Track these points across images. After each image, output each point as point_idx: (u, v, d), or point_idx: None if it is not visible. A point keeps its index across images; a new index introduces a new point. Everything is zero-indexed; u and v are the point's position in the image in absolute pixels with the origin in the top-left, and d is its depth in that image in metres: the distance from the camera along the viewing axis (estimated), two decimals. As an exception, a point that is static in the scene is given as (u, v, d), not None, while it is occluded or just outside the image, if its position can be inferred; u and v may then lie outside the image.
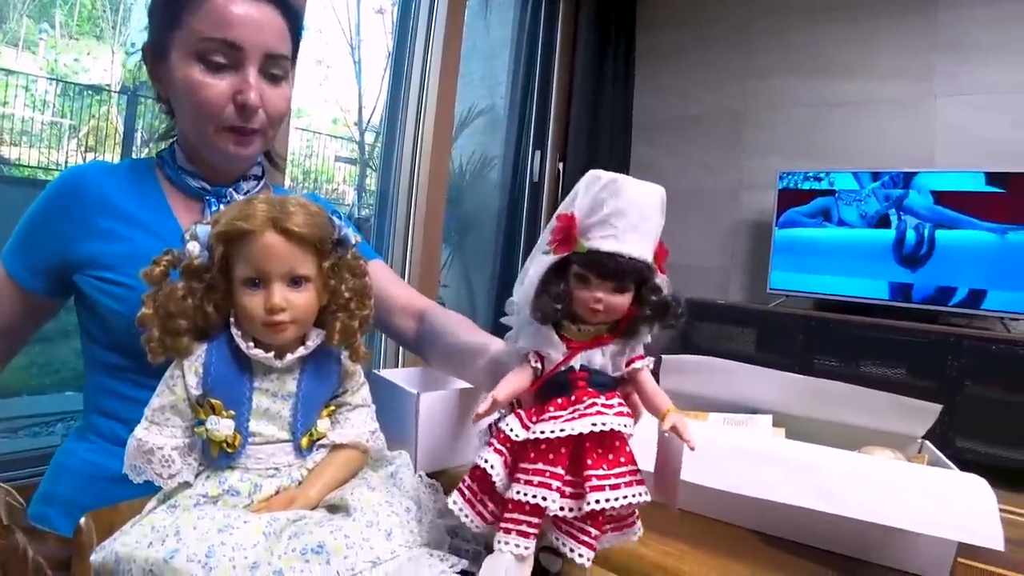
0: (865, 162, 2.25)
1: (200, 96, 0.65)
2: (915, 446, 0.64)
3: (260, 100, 0.67)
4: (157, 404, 0.42)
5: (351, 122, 4.26)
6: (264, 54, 0.67)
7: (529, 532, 0.36)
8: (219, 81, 0.65)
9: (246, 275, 0.40)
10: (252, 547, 0.34)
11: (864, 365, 2.02)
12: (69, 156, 2.55)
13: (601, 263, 0.38)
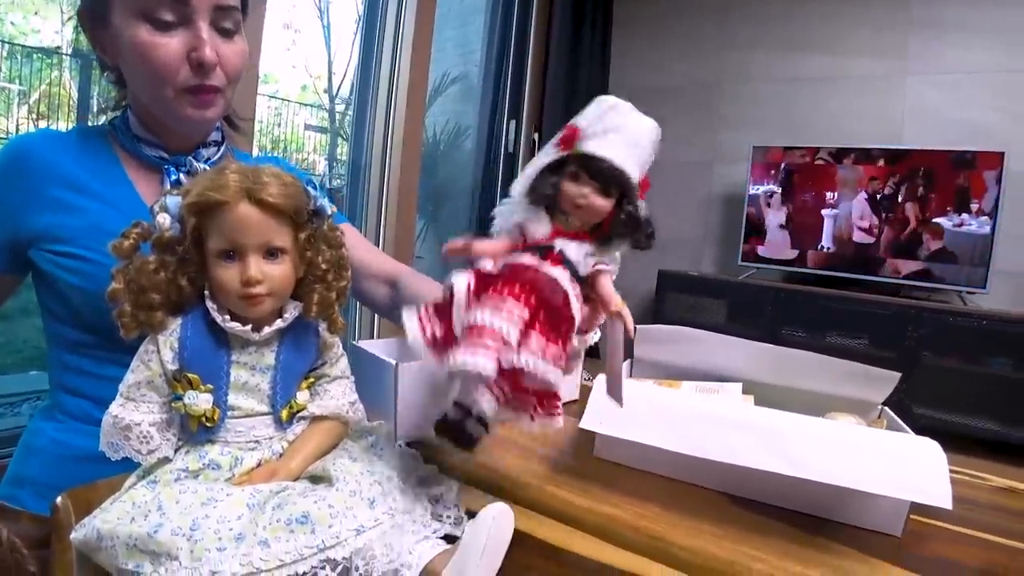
0: (835, 138, 2.28)
1: (152, 57, 0.61)
2: (875, 412, 0.67)
3: (215, 56, 0.63)
4: (132, 380, 0.41)
5: (321, 89, 4.13)
6: (213, 6, 0.63)
7: (487, 352, 0.37)
8: (170, 40, 0.61)
9: (220, 247, 0.39)
10: (237, 519, 0.34)
11: (829, 336, 2.09)
12: (20, 124, 2.42)
13: (593, 163, 0.44)
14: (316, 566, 0.34)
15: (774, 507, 0.52)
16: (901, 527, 0.49)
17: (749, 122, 2.54)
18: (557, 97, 2.48)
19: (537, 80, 2.54)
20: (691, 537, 0.47)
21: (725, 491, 0.54)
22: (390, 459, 0.46)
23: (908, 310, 1.99)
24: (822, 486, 0.47)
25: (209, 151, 0.72)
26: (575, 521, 0.49)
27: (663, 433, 0.52)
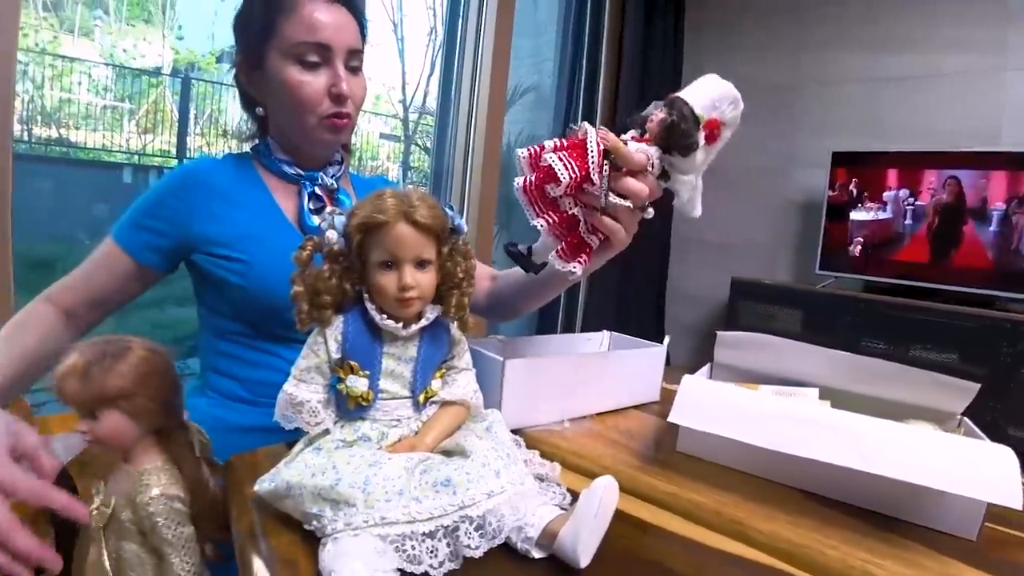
0: (924, 141, 2.19)
1: (302, 92, 0.76)
2: (954, 422, 0.68)
3: (349, 90, 0.78)
4: (304, 365, 0.51)
5: (395, 99, 4.34)
6: (347, 50, 0.78)
7: None
8: (315, 77, 0.77)
9: (381, 259, 0.48)
10: (397, 478, 0.43)
11: (913, 349, 2.01)
12: (129, 137, 2.71)
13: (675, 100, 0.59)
14: (457, 520, 0.43)
15: (848, 504, 0.55)
16: (976, 531, 0.52)
17: (828, 126, 2.48)
18: (629, 105, 2.51)
19: (609, 89, 2.58)
20: (768, 523, 0.52)
21: (801, 487, 0.58)
22: (505, 440, 0.54)
23: (1003, 324, 1.88)
24: (895, 485, 0.51)
25: (333, 168, 0.87)
26: (662, 504, 0.55)
27: (743, 429, 0.57)
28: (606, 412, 0.78)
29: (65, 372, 0.51)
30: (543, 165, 0.56)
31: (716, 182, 3.02)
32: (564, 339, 0.89)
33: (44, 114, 2.49)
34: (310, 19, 0.76)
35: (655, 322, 2.78)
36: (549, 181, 0.56)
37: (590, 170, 0.56)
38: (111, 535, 0.54)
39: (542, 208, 0.59)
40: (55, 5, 2.43)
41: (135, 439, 0.54)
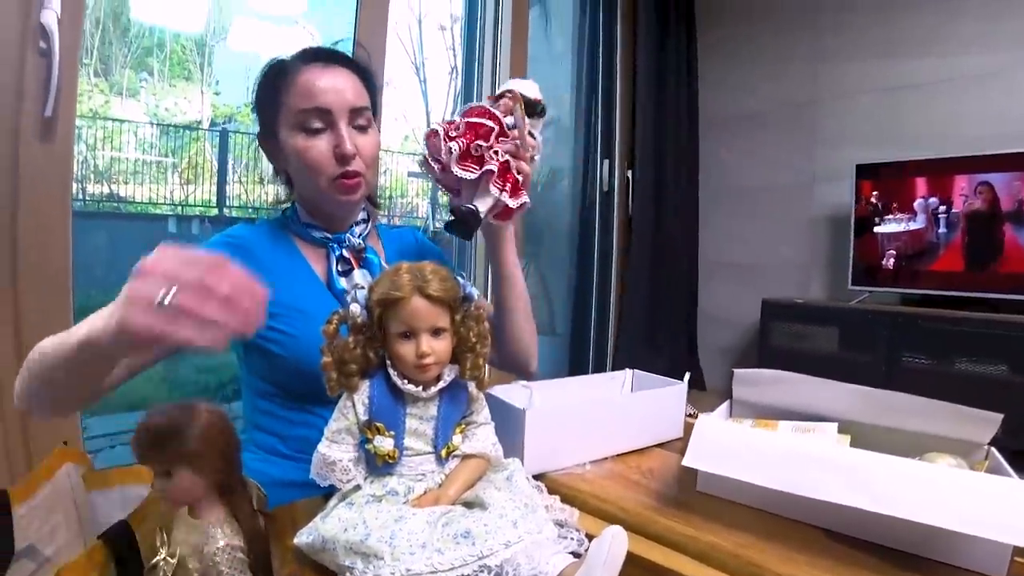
0: (950, 146, 2.14)
1: (308, 157, 0.81)
2: (981, 453, 0.68)
3: (354, 148, 0.81)
4: (335, 427, 0.56)
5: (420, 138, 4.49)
6: (348, 110, 0.81)
7: None
8: (319, 142, 0.80)
9: (399, 330, 0.53)
10: (421, 531, 0.47)
11: (959, 362, 1.94)
12: (172, 190, 2.88)
13: (505, 93, 0.79)
14: (476, 570, 0.46)
15: (870, 543, 0.55)
16: (1005, 569, 0.51)
17: (849, 138, 2.46)
18: (648, 133, 2.54)
19: (626, 119, 2.62)
20: (786, 564, 0.52)
21: (822, 526, 0.58)
22: (524, 490, 0.57)
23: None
24: (914, 524, 0.51)
25: (360, 228, 0.90)
26: (679, 547, 0.57)
27: (756, 470, 0.59)
28: (628, 452, 0.80)
29: (145, 433, 0.56)
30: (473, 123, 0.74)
31: (740, 202, 3.04)
32: (587, 380, 0.91)
33: (96, 172, 2.67)
34: (308, 86, 0.80)
35: (687, 348, 2.76)
36: (479, 138, 0.73)
37: (504, 124, 0.75)
38: (178, 583, 0.59)
39: (474, 168, 0.74)
40: (105, 71, 2.62)
41: (203, 494, 0.59)
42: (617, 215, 2.63)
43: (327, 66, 0.81)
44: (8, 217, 1.23)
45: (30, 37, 1.21)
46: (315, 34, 3.15)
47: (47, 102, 1.23)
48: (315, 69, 0.81)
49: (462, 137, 0.73)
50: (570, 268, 2.75)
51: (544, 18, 2.90)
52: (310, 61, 0.82)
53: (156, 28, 2.85)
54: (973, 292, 2.03)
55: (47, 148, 1.25)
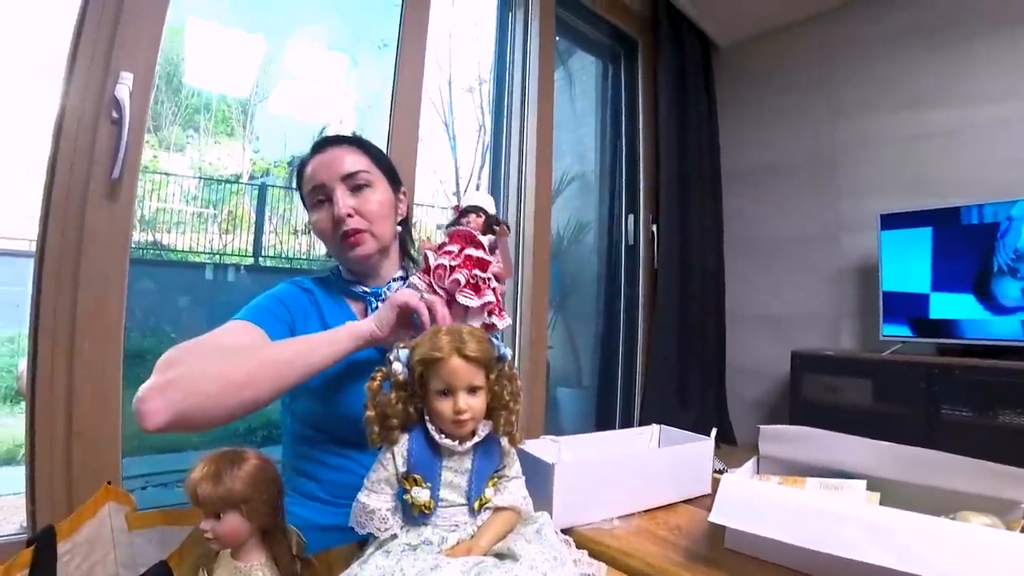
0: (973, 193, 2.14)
1: (318, 229, 0.92)
2: (1017, 512, 0.67)
3: (349, 208, 0.89)
4: (375, 477, 0.59)
5: (449, 192, 4.64)
6: (340, 177, 0.91)
7: None
8: (323, 213, 0.91)
9: (438, 388, 0.57)
10: (455, 582, 0.49)
11: (1003, 414, 1.87)
12: (211, 239, 3.03)
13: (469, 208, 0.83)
14: (509, 622, 0.48)
15: None
16: None
17: (873, 188, 2.47)
18: (671, 188, 2.60)
19: (650, 173, 2.69)
20: (815, 626, 0.53)
21: None
22: (554, 542, 0.59)
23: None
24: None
25: (396, 283, 0.97)
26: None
27: (783, 528, 0.60)
28: (656, 508, 0.81)
29: (200, 477, 0.61)
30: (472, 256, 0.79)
31: (765, 254, 3.06)
32: (615, 435, 0.93)
33: (143, 222, 2.83)
34: (311, 172, 0.92)
35: (715, 401, 2.72)
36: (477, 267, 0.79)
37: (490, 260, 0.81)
38: (220, 622, 0.62)
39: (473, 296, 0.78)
40: (156, 128, 2.81)
41: (247, 537, 0.63)
42: (643, 268, 2.65)
43: (323, 150, 0.93)
44: (72, 268, 1.32)
45: (104, 109, 1.34)
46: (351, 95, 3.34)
47: (115, 165, 1.34)
48: (316, 156, 0.93)
49: (463, 268, 0.79)
50: (597, 321, 2.77)
51: (568, 79, 3.04)
52: (315, 151, 0.95)
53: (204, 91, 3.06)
54: (1015, 340, 1.98)
55: (112, 207, 1.36)
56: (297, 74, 3.28)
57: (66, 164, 1.31)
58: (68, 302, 1.31)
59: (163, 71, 2.73)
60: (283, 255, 3.36)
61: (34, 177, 1.34)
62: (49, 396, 1.28)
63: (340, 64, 3.34)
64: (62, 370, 1.30)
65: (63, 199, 1.31)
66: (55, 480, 1.28)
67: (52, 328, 1.30)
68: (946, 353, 2.11)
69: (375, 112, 3.19)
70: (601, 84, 2.89)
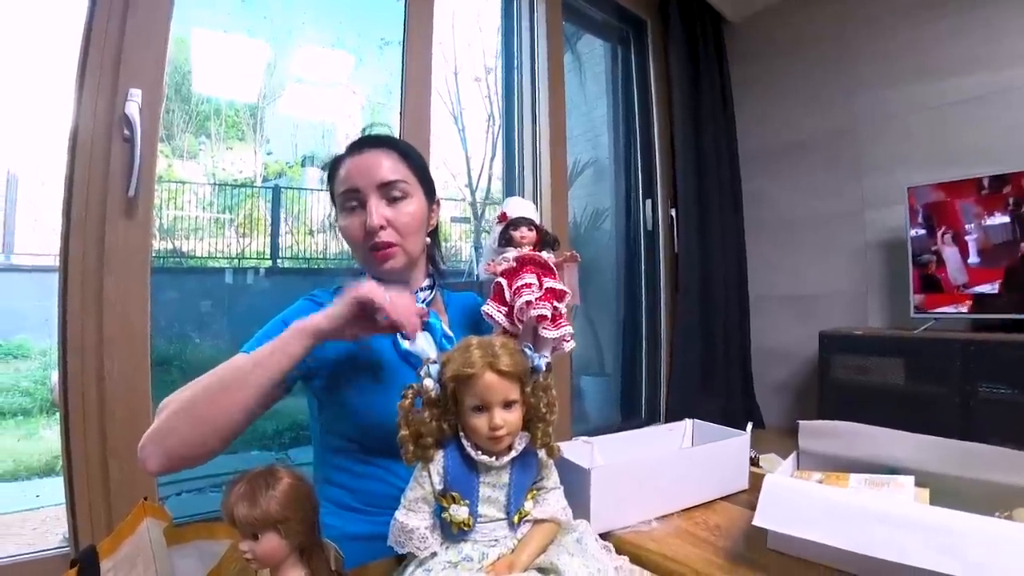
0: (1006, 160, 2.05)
1: (347, 234, 0.88)
2: (1077, 506, 0.64)
3: (383, 220, 0.86)
4: (412, 496, 0.58)
5: (461, 184, 4.62)
6: (377, 185, 0.86)
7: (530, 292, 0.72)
8: (354, 219, 0.87)
9: (473, 404, 0.55)
10: (499, 601, 0.48)
11: (1044, 390, 1.82)
12: (229, 243, 3.05)
13: (517, 220, 0.77)
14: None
15: None
16: None
17: (898, 161, 2.39)
18: (688, 171, 2.55)
19: (666, 157, 2.64)
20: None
21: None
22: (595, 551, 0.58)
23: None
24: None
25: (424, 293, 0.94)
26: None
27: (831, 531, 0.58)
28: (693, 507, 0.80)
29: (237, 498, 0.61)
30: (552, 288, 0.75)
31: (787, 233, 2.99)
32: (646, 433, 0.92)
33: (162, 231, 2.86)
34: (346, 172, 0.88)
35: (742, 385, 2.68)
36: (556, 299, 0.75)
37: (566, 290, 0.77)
38: (259, 639, 0.62)
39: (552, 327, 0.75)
40: (168, 136, 2.83)
41: (286, 556, 0.63)
42: (663, 253, 2.62)
43: (362, 151, 0.89)
44: (96, 286, 1.33)
45: (115, 127, 1.34)
46: (358, 93, 3.33)
47: (130, 183, 1.34)
48: (353, 157, 0.89)
49: (545, 300, 0.74)
50: (617, 308, 2.75)
51: (576, 64, 2.99)
52: (353, 151, 0.90)
53: (214, 98, 3.07)
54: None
55: (129, 223, 1.37)
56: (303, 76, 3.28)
57: (82, 183, 1.32)
58: (94, 319, 1.33)
59: (172, 81, 2.74)
60: (301, 256, 3.38)
61: (50, 190, 1.35)
62: (81, 412, 1.30)
63: (346, 63, 3.32)
64: (92, 386, 1.32)
65: (82, 217, 1.32)
66: (93, 494, 1.31)
67: (80, 345, 1.31)
68: (981, 329, 2.05)
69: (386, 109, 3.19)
70: (611, 67, 2.84)
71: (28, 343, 3.47)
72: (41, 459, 2.72)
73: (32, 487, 2.56)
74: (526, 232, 0.77)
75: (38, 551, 1.42)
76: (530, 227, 0.78)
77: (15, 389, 3.23)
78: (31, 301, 3.30)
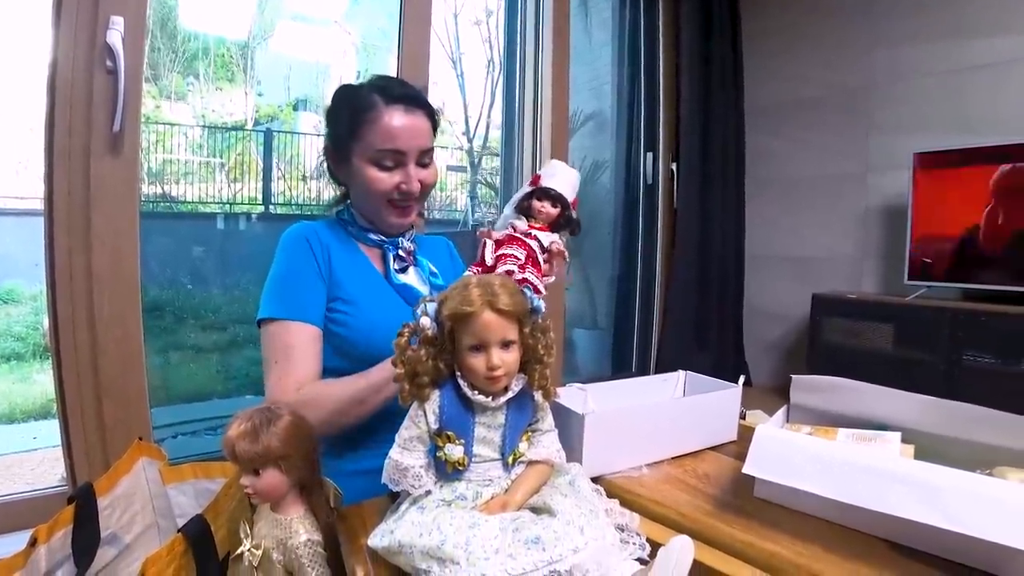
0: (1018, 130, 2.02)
1: (376, 187, 0.89)
2: (1056, 463, 0.66)
3: (418, 184, 0.90)
4: (406, 435, 0.58)
5: (459, 132, 4.52)
6: (419, 151, 0.90)
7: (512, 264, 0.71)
8: (389, 176, 0.89)
9: (470, 343, 0.55)
10: (494, 538, 0.49)
11: (1028, 360, 1.84)
12: (220, 188, 2.99)
13: (546, 191, 0.75)
14: (547, 575, 0.48)
15: (936, 556, 0.54)
16: None
17: (907, 125, 2.34)
18: (693, 125, 2.49)
19: (670, 110, 2.57)
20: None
21: (886, 537, 0.58)
22: (587, 493, 0.59)
23: None
24: (984, 540, 0.50)
25: (409, 232, 0.99)
26: (739, 554, 0.58)
27: (818, 480, 0.59)
28: (683, 455, 0.81)
29: (238, 435, 0.61)
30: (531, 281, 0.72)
31: (788, 193, 2.96)
32: (640, 383, 0.92)
33: (151, 175, 2.81)
34: (388, 129, 0.87)
35: (733, 343, 2.71)
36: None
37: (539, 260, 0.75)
38: (261, 573, 0.64)
39: None
40: (155, 76, 2.74)
41: (286, 492, 0.64)
42: (661, 208, 2.59)
43: (408, 110, 0.89)
44: (83, 224, 1.31)
45: (97, 57, 1.28)
46: (353, 33, 3.21)
47: (115, 118, 1.30)
48: (397, 112, 0.88)
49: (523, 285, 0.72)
50: (613, 262, 2.74)
51: (584, 9, 2.88)
52: (392, 102, 0.88)
53: (201, 34, 2.96)
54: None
55: (115, 160, 1.33)
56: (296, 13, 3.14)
57: (64, 119, 1.27)
58: (82, 259, 1.30)
59: (156, 15, 2.62)
60: (293, 202, 3.33)
61: (38, 136, 1.30)
62: (74, 353, 1.30)
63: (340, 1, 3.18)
64: (84, 327, 1.31)
65: (65, 155, 1.28)
66: (88, 435, 1.32)
67: (69, 286, 1.29)
68: (971, 299, 2.06)
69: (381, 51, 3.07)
70: (619, 14, 2.74)
71: (19, 288, 3.45)
72: (36, 402, 2.75)
73: (29, 429, 2.59)
74: (549, 208, 0.74)
75: (37, 489, 1.44)
76: (555, 202, 0.74)
77: (7, 334, 3.24)
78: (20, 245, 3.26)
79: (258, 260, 0.94)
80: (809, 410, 0.80)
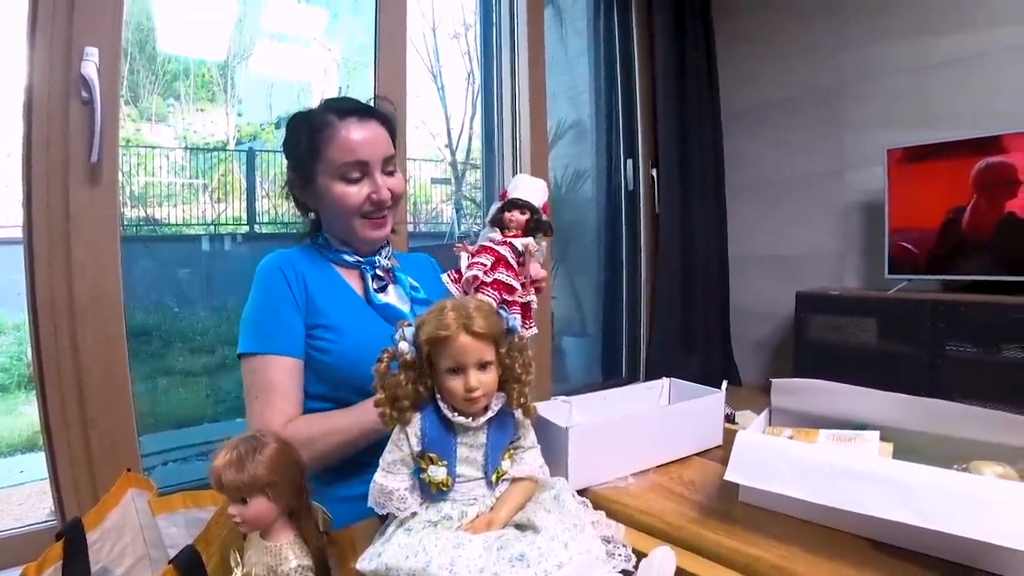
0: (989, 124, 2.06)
1: (346, 201, 0.90)
2: (1029, 457, 0.67)
3: (388, 192, 0.91)
4: (390, 459, 0.59)
5: (441, 144, 4.54)
6: (382, 159, 0.91)
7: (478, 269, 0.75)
8: (358, 189, 0.90)
9: (448, 366, 0.56)
10: (479, 557, 0.49)
11: (1007, 349, 1.88)
12: (204, 209, 2.99)
13: (513, 201, 0.79)
14: (532, 593, 0.48)
15: (919, 553, 0.55)
16: None
17: (880, 122, 2.40)
18: (671, 131, 2.52)
19: (648, 117, 2.61)
20: (831, 578, 0.54)
21: (868, 536, 0.58)
22: (572, 508, 0.59)
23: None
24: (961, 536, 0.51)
25: (385, 250, 0.99)
26: (724, 560, 0.58)
27: (799, 483, 0.60)
28: (669, 463, 0.82)
29: (224, 464, 0.61)
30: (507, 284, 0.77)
31: (767, 193, 3.01)
32: (624, 392, 0.93)
33: (133, 198, 2.79)
34: (347, 141, 0.88)
35: (720, 343, 2.73)
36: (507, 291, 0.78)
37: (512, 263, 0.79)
38: (253, 600, 0.64)
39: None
40: (134, 98, 2.72)
41: (275, 519, 0.64)
42: (644, 214, 2.62)
43: (362, 121, 0.90)
44: (63, 253, 1.30)
45: (73, 89, 1.28)
46: (334, 50, 3.22)
47: (92, 148, 1.29)
48: (352, 124, 0.89)
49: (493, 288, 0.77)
50: (598, 269, 2.76)
51: (558, 19, 2.91)
52: (346, 116, 0.90)
53: (181, 57, 2.94)
54: (1019, 276, 1.97)
55: (94, 190, 1.32)
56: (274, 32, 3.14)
57: (41, 149, 1.27)
58: (64, 288, 1.29)
59: (135, 39, 2.61)
60: (279, 220, 3.32)
61: (15, 162, 1.29)
62: (58, 383, 1.29)
63: (319, 19, 3.19)
64: (67, 356, 1.30)
65: (43, 186, 1.27)
66: (76, 467, 1.31)
67: (51, 315, 1.28)
68: (951, 290, 2.10)
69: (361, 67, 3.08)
70: (593, 23, 2.77)
71: (2, 317, 3.40)
72: (22, 435, 2.70)
73: (16, 463, 2.55)
74: (517, 216, 0.79)
75: (25, 526, 1.42)
76: (523, 210, 0.79)
77: (-8, 365, 3.18)
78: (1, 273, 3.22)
79: (245, 280, 0.94)
80: (790, 412, 0.81)
